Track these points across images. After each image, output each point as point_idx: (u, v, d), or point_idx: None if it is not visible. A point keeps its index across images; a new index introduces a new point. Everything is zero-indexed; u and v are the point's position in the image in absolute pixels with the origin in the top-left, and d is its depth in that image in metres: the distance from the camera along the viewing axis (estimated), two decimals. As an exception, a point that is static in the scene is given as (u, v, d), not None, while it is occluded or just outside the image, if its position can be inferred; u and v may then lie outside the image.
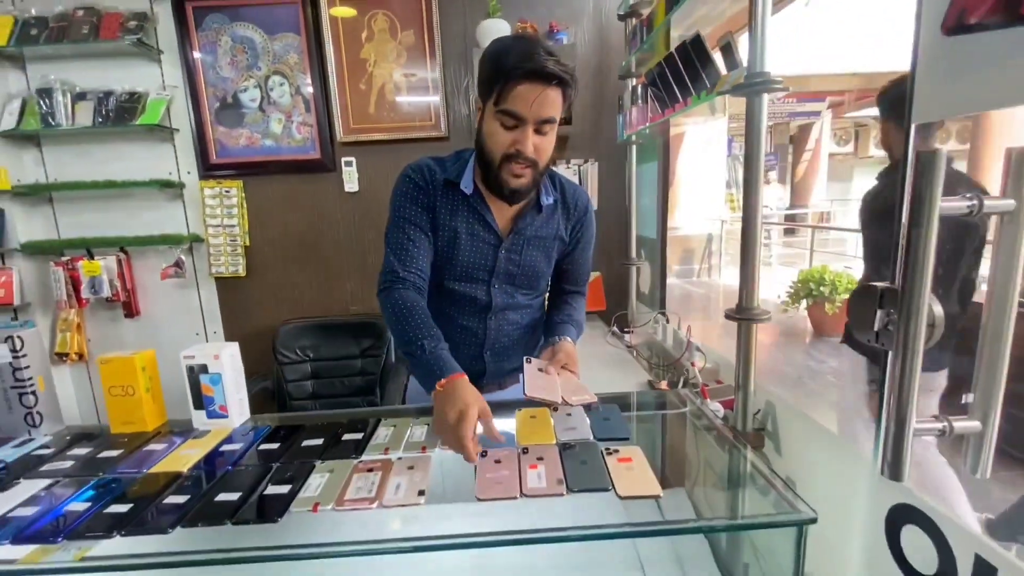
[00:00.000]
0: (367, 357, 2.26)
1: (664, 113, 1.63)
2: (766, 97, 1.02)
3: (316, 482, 0.87)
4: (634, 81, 1.97)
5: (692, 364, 1.39)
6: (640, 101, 1.73)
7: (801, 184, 12.54)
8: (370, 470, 0.89)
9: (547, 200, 1.14)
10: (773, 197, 9.61)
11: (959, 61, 0.66)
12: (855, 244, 8.53)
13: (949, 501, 1.33)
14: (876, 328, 0.82)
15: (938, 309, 0.78)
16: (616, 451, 0.92)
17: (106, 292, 2.20)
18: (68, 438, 1.12)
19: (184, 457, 0.98)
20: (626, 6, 1.92)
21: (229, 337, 2.42)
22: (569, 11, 2.20)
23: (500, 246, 1.13)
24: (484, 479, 0.85)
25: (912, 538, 0.78)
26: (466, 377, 0.94)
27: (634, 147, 2.08)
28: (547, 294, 1.31)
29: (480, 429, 0.89)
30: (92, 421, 2.42)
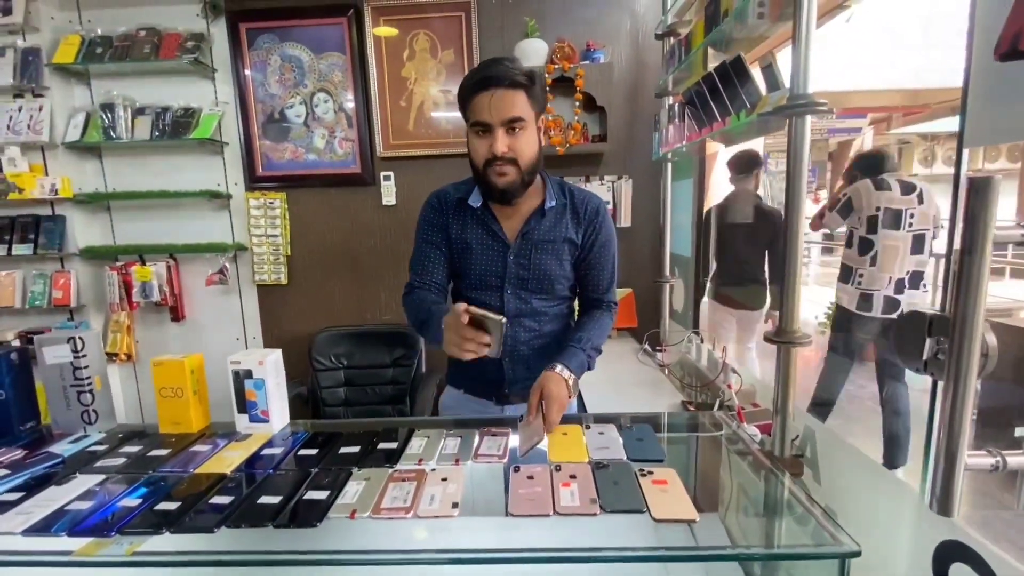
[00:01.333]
0: (398, 367, 2.30)
1: (701, 132, 1.63)
2: (809, 119, 1.01)
3: (353, 489, 0.89)
4: (671, 100, 1.97)
5: (728, 386, 1.37)
6: (677, 119, 1.73)
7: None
8: (405, 480, 0.91)
9: (550, 203, 1.18)
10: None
11: (1013, 87, 0.65)
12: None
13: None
14: (925, 357, 0.79)
15: (991, 339, 0.75)
16: (650, 472, 0.92)
17: (156, 296, 2.31)
18: (120, 436, 1.17)
19: (228, 459, 1.02)
20: (664, 26, 1.93)
21: (268, 343, 2.50)
22: (606, 30, 2.22)
23: (508, 252, 1.18)
24: (516, 495, 0.86)
25: (963, 576, 0.75)
26: None
27: (669, 165, 2.07)
28: (573, 304, 1.31)
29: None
30: (137, 419, 2.53)
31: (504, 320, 0.92)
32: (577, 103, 2.11)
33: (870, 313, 2.23)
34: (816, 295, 6.58)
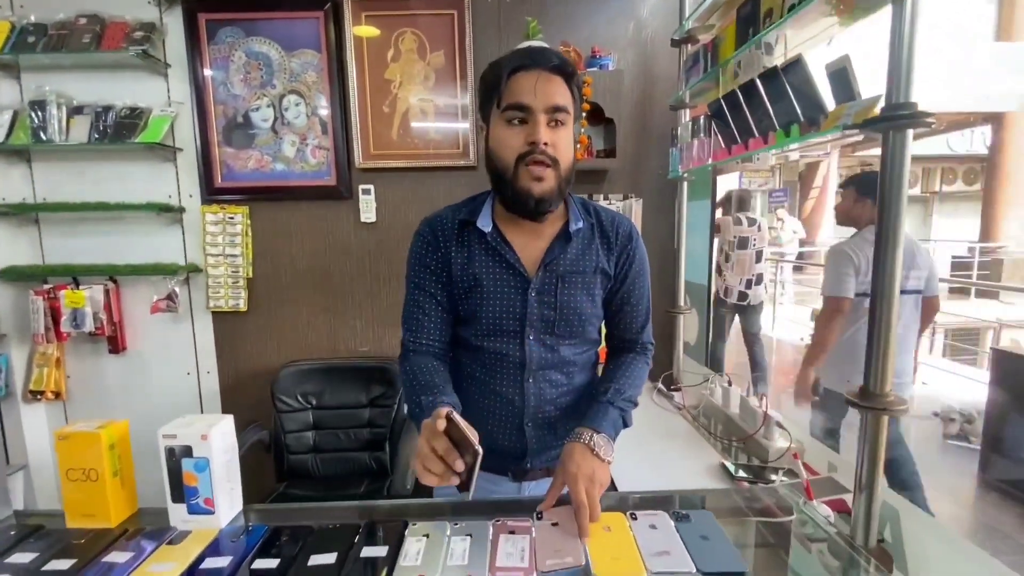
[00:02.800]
0: (377, 407, 2.02)
1: (732, 151, 1.43)
2: (911, 135, 0.82)
3: (329, 637, 0.63)
4: (688, 113, 1.79)
5: (795, 456, 1.15)
6: (703, 134, 1.54)
7: (808, 221, 12.46)
8: (401, 616, 0.65)
9: (576, 225, 0.95)
10: (790, 231, 9.52)
11: None
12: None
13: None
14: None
15: None
16: (735, 599, 0.68)
17: (88, 326, 1.97)
18: (13, 533, 0.88)
19: (153, 580, 0.74)
20: (682, 32, 1.75)
21: (224, 379, 2.17)
22: (611, 36, 2.03)
23: (529, 288, 0.94)
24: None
25: None
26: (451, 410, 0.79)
27: (686, 184, 1.88)
28: (602, 347, 1.08)
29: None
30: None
31: (480, 451, 0.71)
32: (583, 114, 1.90)
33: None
34: (796, 314, 6.56)
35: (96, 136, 1.94)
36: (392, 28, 1.99)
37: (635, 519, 0.86)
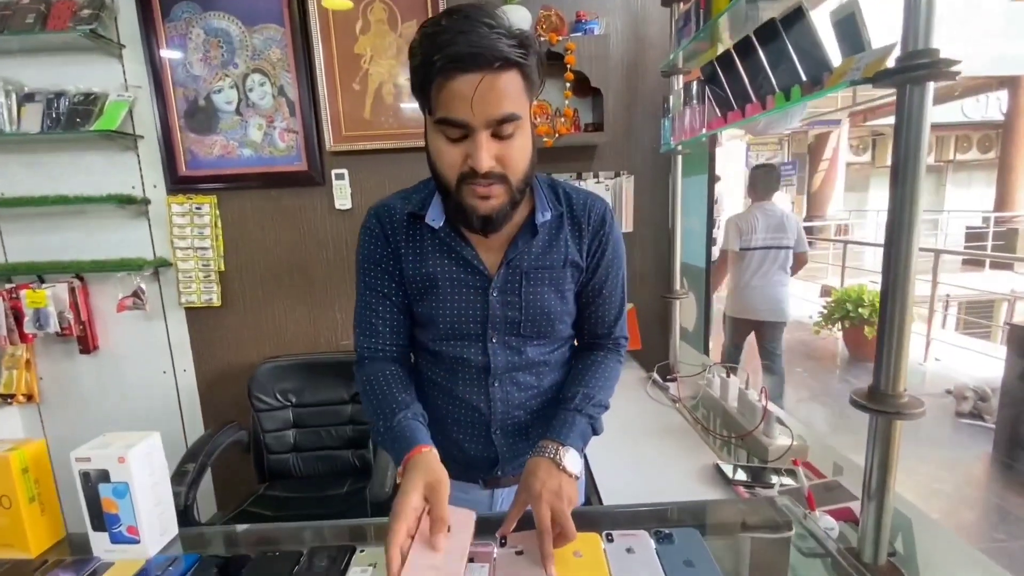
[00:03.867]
0: (359, 403, 1.92)
1: (727, 118, 1.29)
2: (931, 90, 0.68)
3: None
4: (681, 79, 1.64)
5: (795, 462, 1.03)
6: (695, 102, 1.40)
7: (818, 195, 12.16)
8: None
9: (543, 217, 0.82)
10: (785, 207, 9.29)
11: None
12: (874, 258, 8.16)
13: None
14: None
15: None
16: (720, 642, 0.58)
17: (53, 326, 1.88)
18: (-78, 567, 0.79)
19: (60, 626, 0.65)
20: (673, -12, 1.59)
21: (201, 377, 2.09)
22: (598, -1, 1.87)
23: (490, 287, 0.83)
24: None
25: None
26: (428, 450, 0.72)
27: (680, 158, 1.74)
28: (573, 343, 0.97)
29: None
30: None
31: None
32: (567, 84, 1.75)
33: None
34: (801, 290, 6.40)
35: (49, 125, 1.82)
36: (360, -3, 1.84)
37: (611, 541, 0.76)
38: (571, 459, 0.77)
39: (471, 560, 0.70)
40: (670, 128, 1.65)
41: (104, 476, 0.77)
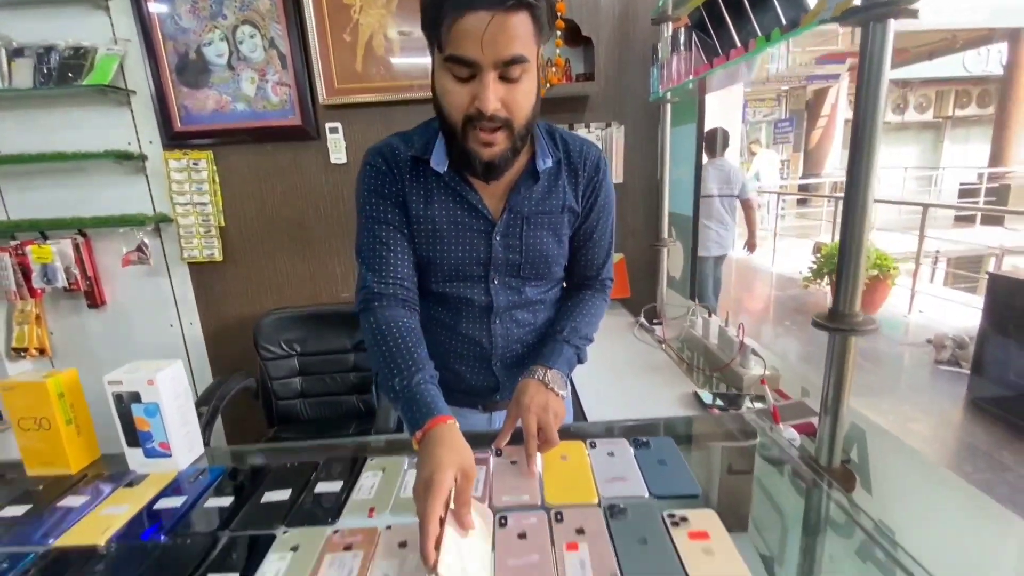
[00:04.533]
0: (361, 351, 2.01)
1: (713, 63, 1.33)
2: (892, 26, 0.73)
3: (274, 568, 0.62)
4: (671, 26, 1.65)
5: (762, 381, 1.13)
6: (683, 49, 1.42)
7: (815, 152, 12.06)
8: (348, 547, 0.65)
9: (545, 163, 0.86)
10: (769, 164, 9.19)
11: None
12: (870, 213, 8.18)
13: None
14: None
15: None
16: (684, 520, 0.67)
17: (61, 281, 1.94)
18: (-28, 483, 0.88)
19: (106, 520, 0.74)
20: (663, -69, 1.59)
21: (207, 329, 2.17)
22: (589, -56, 1.85)
23: (493, 231, 0.87)
24: (504, 567, 0.61)
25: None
26: (452, 422, 0.71)
27: (669, 107, 1.76)
28: (563, 284, 1.04)
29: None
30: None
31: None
32: (558, 33, 1.76)
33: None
34: (795, 248, 6.47)
35: (41, 80, 1.82)
36: (348, -56, 1.82)
37: (594, 447, 0.85)
38: (557, 380, 0.85)
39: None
40: (659, 76, 1.67)
41: (135, 397, 0.85)
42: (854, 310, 0.83)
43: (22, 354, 2.07)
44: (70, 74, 1.81)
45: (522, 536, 0.66)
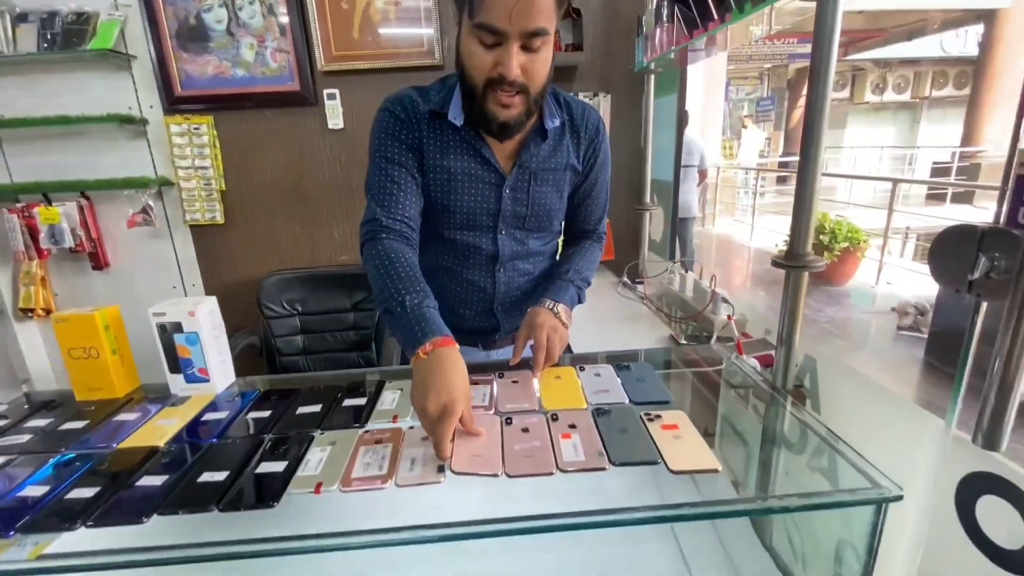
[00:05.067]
0: (360, 311, 2.12)
1: (692, 34, 1.44)
2: (841, 3, 0.85)
3: (316, 457, 0.75)
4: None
5: (728, 318, 1.27)
6: (665, 21, 1.53)
7: (796, 130, 12.27)
8: (378, 442, 0.78)
9: (552, 123, 0.95)
10: (753, 144, 9.43)
11: None
12: (847, 192, 8.47)
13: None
14: (976, 275, 0.69)
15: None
16: (658, 417, 0.81)
17: (68, 242, 2.00)
18: (26, 407, 0.99)
19: (161, 429, 0.85)
20: (649, -92, 1.67)
21: (209, 290, 2.25)
22: (578, -83, 1.92)
23: (503, 185, 0.96)
24: (512, 452, 0.74)
25: (991, 510, 0.70)
26: (455, 345, 0.78)
27: (653, 77, 1.87)
28: (561, 237, 1.16)
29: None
30: (66, 383, 2.27)
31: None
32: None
33: None
34: (773, 224, 6.69)
35: (45, 45, 1.85)
36: (344, -87, 1.86)
37: (583, 370, 0.99)
38: (564, 313, 0.97)
39: (475, 384, 0.92)
40: (644, 47, 1.78)
41: (178, 327, 0.96)
42: (806, 250, 0.97)
43: (29, 314, 2.14)
44: (74, 39, 1.84)
45: (525, 431, 0.79)
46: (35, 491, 0.70)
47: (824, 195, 8.38)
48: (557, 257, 1.15)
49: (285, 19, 1.95)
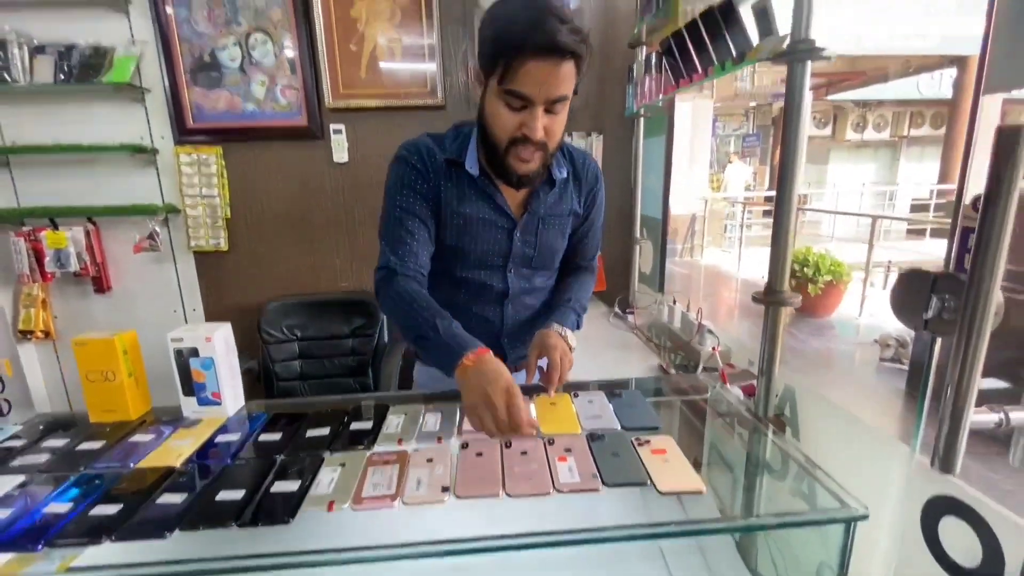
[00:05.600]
0: (358, 336, 2.17)
1: (679, 84, 1.55)
2: (810, 66, 0.96)
3: (327, 477, 0.79)
4: (645, 50, 1.87)
5: (714, 349, 1.35)
6: (654, 71, 1.65)
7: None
8: (386, 463, 0.83)
9: (560, 174, 1.05)
10: (739, 177, 9.78)
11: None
12: (831, 225, 8.74)
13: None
14: (929, 316, 0.77)
15: (999, 296, 0.74)
16: (647, 442, 0.87)
17: (73, 266, 2.04)
18: (41, 427, 1.02)
19: (176, 449, 0.89)
20: (638, -31, 1.82)
21: (210, 315, 2.29)
22: (573, -26, 2.08)
23: (515, 229, 1.05)
24: (512, 473, 0.79)
25: (952, 530, 0.76)
26: (491, 353, 0.86)
27: (642, 121, 1.99)
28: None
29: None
30: (62, 405, 2.28)
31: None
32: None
33: None
34: (760, 255, 6.87)
35: (61, 77, 1.93)
36: (356, -37, 2.00)
37: (577, 396, 1.05)
38: (571, 336, 1.05)
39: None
40: (634, 93, 1.90)
41: (194, 352, 1.00)
42: (783, 287, 1.05)
43: (28, 337, 2.16)
44: (90, 72, 1.93)
45: (523, 453, 0.85)
46: (58, 508, 0.74)
47: (809, 229, 8.65)
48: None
49: (296, 58, 2.05)
